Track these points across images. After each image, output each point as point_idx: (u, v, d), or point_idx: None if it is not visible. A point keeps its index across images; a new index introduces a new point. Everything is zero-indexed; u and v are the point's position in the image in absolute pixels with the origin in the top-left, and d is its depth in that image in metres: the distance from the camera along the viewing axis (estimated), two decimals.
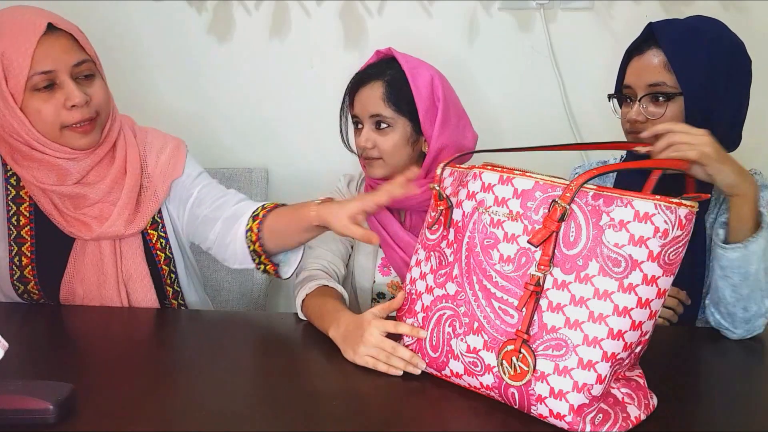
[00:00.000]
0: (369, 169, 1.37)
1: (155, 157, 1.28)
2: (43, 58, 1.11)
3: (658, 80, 1.18)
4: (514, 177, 0.89)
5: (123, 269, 1.25)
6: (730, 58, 1.18)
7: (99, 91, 1.18)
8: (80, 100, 1.13)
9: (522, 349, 0.84)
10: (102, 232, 1.21)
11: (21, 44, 1.10)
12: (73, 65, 1.14)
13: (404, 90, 1.32)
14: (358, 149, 1.37)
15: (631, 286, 0.79)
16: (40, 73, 1.11)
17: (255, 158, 1.84)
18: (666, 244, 0.78)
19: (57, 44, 1.13)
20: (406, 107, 1.32)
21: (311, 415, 0.87)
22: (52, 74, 1.12)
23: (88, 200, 1.21)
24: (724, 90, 1.18)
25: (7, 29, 1.11)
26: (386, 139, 1.33)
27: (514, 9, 1.73)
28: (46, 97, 1.12)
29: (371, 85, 1.34)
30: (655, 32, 1.21)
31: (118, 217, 1.22)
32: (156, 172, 1.27)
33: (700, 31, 1.19)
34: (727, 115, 1.19)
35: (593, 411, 0.81)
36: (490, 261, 0.89)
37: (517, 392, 0.85)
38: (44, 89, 1.12)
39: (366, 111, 1.34)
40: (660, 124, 1.17)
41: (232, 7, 1.78)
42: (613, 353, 0.80)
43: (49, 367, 1.00)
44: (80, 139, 1.16)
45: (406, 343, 1.00)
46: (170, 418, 0.86)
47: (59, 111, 1.13)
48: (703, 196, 0.80)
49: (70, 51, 1.14)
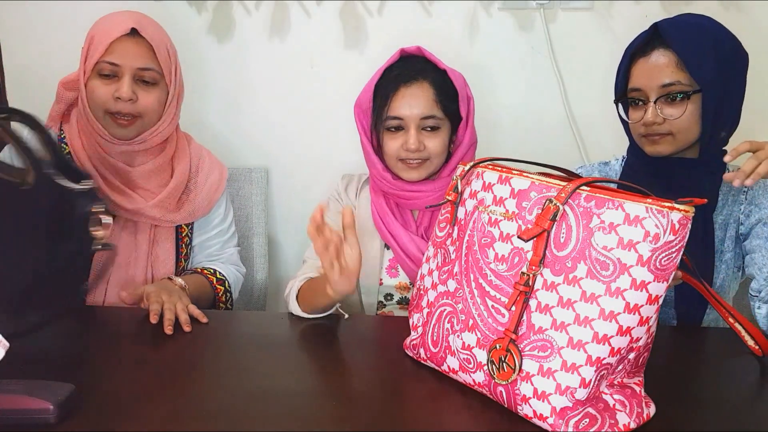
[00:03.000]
0: (410, 173, 1.33)
1: (206, 172, 1.46)
2: (115, 52, 1.30)
3: (672, 80, 1.18)
4: (512, 177, 0.91)
5: (152, 252, 1.39)
6: (733, 50, 1.20)
7: (151, 98, 1.33)
8: (126, 96, 1.29)
9: (509, 348, 0.84)
10: (141, 207, 1.35)
11: (105, 35, 1.30)
12: (137, 68, 1.31)
13: (448, 91, 1.31)
14: (402, 152, 1.31)
15: (618, 290, 0.78)
16: (107, 62, 1.30)
17: (255, 158, 1.84)
18: (657, 248, 0.77)
19: (133, 46, 1.31)
20: (450, 108, 1.32)
21: (311, 415, 0.88)
22: (117, 67, 1.30)
23: (131, 178, 1.36)
24: (733, 82, 1.19)
25: (105, 22, 1.34)
26: (435, 140, 1.31)
27: (514, 9, 1.72)
28: (104, 83, 1.31)
29: (418, 85, 1.30)
30: (662, 32, 1.20)
31: (161, 203, 1.37)
32: (203, 190, 1.45)
33: (702, 27, 1.20)
34: (734, 108, 1.21)
35: (578, 415, 0.81)
36: (486, 259, 0.90)
37: (505, 391, 0.86)
38: (106, 77, 1.31)
39: (417, 112, 1.29)
40: (681, 125, 1.18)
41: (232, 7, 1.78)
42: (598, 357, 0.79)
43: (50, 367, 1.01)
44: (116, 128, 1.33)
45: (412, 338, 1.03)
46: (170, 418, 0.86)
47: (108, 98, 1.31)
48: (698, 201, 0.79)
49: (141, 56, 1.31)
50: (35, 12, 1.79)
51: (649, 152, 1.24)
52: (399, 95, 1.31)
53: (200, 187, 1.44)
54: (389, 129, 1.33)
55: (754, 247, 1.21)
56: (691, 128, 1.20)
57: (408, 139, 1.30)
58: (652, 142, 1.23)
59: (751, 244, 1.22)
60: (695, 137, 1.22)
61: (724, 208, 1.24)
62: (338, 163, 1.73)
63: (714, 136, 1.21)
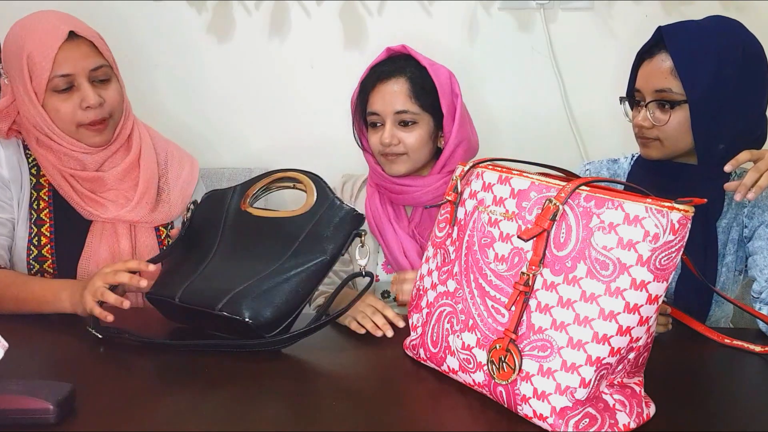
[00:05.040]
0: (391, 166, 1.36)
1: (177, 169, 1.40)
2: (64, 62, 1.22)
3: (665, 86, 1.17)
4: (512, 177, 0.90)
5: (137, 251, 1.34)
6: (741, 67, 1.15)
7: (113, 93, 1.28)
8: (94, 102, 1.24)
9: (509, 348, 0.84)
10: (119, 215, 1.31)
11: (45, 48, 1.21)
12: (90, 70, 1.25)
13: (426, 86, 1.33)
14: (380, 146, 1.35)
15: (618, 290, 0.78)
16: (60, 75, 1.22)
17: (255, 158, 1.85)
18: (657, 248, 0.77)
19: (77, 50, 1.23)
20: (428, 103, 1.33)
21: (311, 415, 0.88)
22: (71, 77, 1.23)
23: (105, 185, 1.32)
24: (732, 99, 1.15)
25: (34, 33, 1.23)
26: (411, 135, 1.33)
27: (514, 9, 1.73)
28: (64, 98, 1.24)
29: (394, 81, 1.33)
30: (664, 37, 1.18)
31: (136, 205, 1.32)
32: (177, 188, 1.39)
33: (711, 38, 1.16)
34: (736, 124, 1.16)
35: (578, 415, 0.80)
36: (486, 260, 0.90)
37: (504, 391, 0.86)
38: (63, 91, 1.24)
39: (390, 107, 1.33)
40: (668, 132, 1.17)
41: (232, 7, 1.79)
42: (598, 357, 0.79)
43: (49, 367, 1.01)
44: (94, 137, 1.28)
45: (411, 338, 1.03)
46: (170, 418, 0.86)
47: (75, 111, 1.24)
48: (697, 201, 0.78)
49: (88, 57, 1.25)
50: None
51: (642, 154, 1.25)
52: (376, 91, 1.34)
53: (172, 185, 1.39)
54: (371, 124, 1.37)
55: (756, 249, 1.21)
56: (680, 137, 1.18)
57: (383, 134, 1.33)
58: (643, 144, 1.23)
59: (753, 246, 1.22)
60: (686, 146, 1.20)
61: (728, 212, 1.23)
62: (338, 163, 1.74)
63: (710, 149, 1.18)
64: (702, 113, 1.15)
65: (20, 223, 1.29)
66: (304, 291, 1.02)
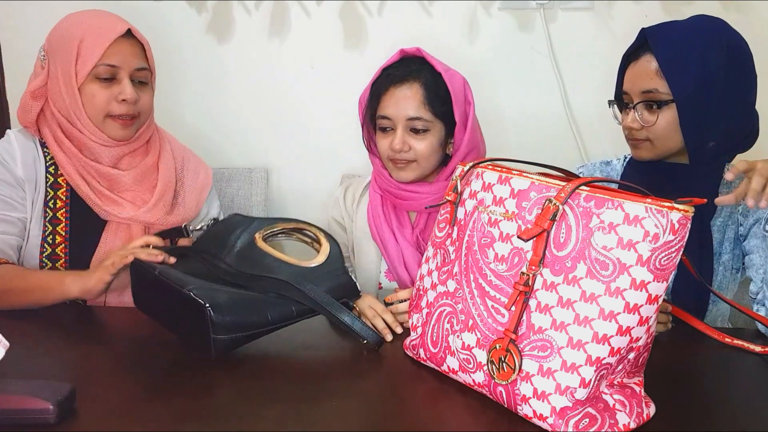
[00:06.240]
0: (399, 173, 1.33)
1: (192, 174, 1.45)
2: (113, 54, 1.28)
3: (651, 87, 1.17)
4: (512, 177, 0.91)
5: None
6: (726, 64, 1.15)
7: (146, 97, 1.35)
8: (131, 98, 1.29)
9: (509, 348, 0.84)
10: (136, 215, 1.33)
11: (100, 37, 1.28)
12: (135, 69, 1.31)
13: (440, 93, 1.29)
14: (389, 151, 1.32)
15: (618, 290, 0.78)
16: (106, 64, 1.28)
17: (255, 158, 1.85)
18: (656, 248, 0.77)
19: (129, 48, 1.31)
20: (441, 110, 1.30)
21: (311, 415, 0.88)
22: (116, 69, 1.29)
23: (121, 185, 1.35)
24: (720, 97, 1.15)
25: (91, 24, 1.30)
26: (422, 142, 1.30)
27: (514, 9, 1.73)
28: (103, 86, 1.29)
29: (408, 86, 1.29)
30: (648, 38, 1.18)
31: (153, 207, 1.35)
32: (192, 192, 1.43)
33: (695, 37, 1.16)
34: (725, 121, 1.17)
35: (578, 415, 0.81)
36: (486, 260, 0.90)
37: (504, 391, 0.86)
38: (104, 80, 1.29)
39: (403, 113, 1.29)
40: (657, 133, 1.17)
41: (232, 7, 1.79)
42: (598, 357, 0.79)
43: (49, 367, 1.01)
44: (119, 129, 1.32)
45: (411, 338, 1.03)
46: (170, 418, 0.86)
47: (110, 101, 1.29)
48: (697, 201, 0.78)
49: (137, 57, 1.32)
50: (35, 12, 1.79)
51: (633, 156, 1.26)
52: (388, 95, 1.30)
53: (188, 189, 1.43)
54: (381, 128, 1.34)
55: (752, 247, 1.21)
56: (670, 137, 1.18)
57: (394, 139, 1.30)
58: (633, 146, 1.24)
59: (749, 244, 1.22)
60: (677, 146, 1.20)
61: (723, 211, 1.23)
62: (338, 163, 1.74)
63: (700, 147, 1.18)
64: (690, 112, 1.16)
65: (34, 221, 1.31)
66: (274, 319, 1.05)
